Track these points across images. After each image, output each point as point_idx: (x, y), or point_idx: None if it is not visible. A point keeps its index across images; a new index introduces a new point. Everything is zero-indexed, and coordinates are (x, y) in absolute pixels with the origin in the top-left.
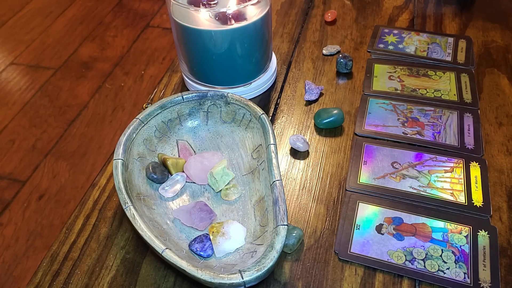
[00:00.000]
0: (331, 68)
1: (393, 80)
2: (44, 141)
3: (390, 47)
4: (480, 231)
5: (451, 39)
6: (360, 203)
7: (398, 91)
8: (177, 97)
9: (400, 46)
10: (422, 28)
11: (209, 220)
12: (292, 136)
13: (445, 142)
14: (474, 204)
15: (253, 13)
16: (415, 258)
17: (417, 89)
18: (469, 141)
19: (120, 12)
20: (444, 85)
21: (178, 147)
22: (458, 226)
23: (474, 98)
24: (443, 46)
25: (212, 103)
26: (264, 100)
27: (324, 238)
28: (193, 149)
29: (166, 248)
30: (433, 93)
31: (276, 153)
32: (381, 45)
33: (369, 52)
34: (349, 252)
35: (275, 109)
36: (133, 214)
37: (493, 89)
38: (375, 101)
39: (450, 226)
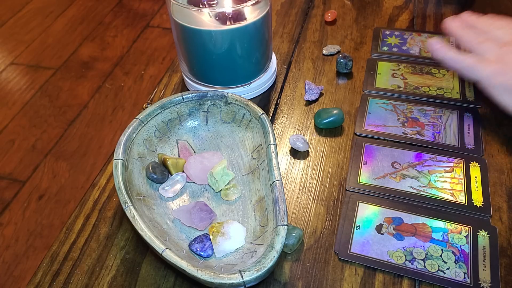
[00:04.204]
0: (331, 68)
1: (396, 77)
2: (44, 141)
3: (395, 49)
4: (480, 231)
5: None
6: (360, 203)
7: (401, 89)
8: (177, 97)
9: (404, 47)
10: (422, 28)
11: (209, 220)
12: (292, 136)
13: (445, 142)
14: (474, 204)
15: (253, 13)
16: (415, 258)
17: (420, 87)
18: (469, 141)
19: (120, 12)
20: (447, 83)
21: (178, 147)
22: (458, 226)
23: (477, 96)
24: None
25: (212, 103)
26: (264, 100)
27: (324, 238)
28: (193, 149)
29: (166, 248)
30: (436, 90)
31: (276, 153)
32: (385, 48)
33: (374, 57)
34: (349, 252)
35: (275, 109)
36: (133, 214)
37: None
38: (375, 101)
39: (450, 226)
